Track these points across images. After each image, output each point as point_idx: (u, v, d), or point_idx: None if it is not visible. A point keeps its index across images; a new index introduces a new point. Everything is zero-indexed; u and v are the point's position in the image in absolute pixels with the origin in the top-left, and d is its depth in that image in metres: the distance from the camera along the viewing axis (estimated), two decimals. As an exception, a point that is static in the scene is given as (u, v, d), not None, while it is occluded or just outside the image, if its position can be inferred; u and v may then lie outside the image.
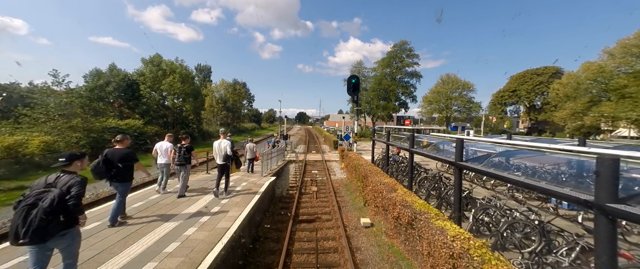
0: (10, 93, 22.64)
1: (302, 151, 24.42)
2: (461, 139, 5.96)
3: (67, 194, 2.64)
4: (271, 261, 5.40)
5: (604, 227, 2.58)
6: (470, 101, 50.67)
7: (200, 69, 63.91)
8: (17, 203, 2.50)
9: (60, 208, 2.56)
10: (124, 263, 3.74)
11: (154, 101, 32.87)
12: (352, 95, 18.92)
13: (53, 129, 17.64)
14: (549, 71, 46.33)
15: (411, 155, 8.23)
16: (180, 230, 4.89)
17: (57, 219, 2.55)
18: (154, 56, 34.42)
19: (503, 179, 5.05)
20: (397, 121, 57.33)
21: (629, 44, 28.10)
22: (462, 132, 37.03)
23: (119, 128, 21.95)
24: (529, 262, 4.30)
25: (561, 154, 8.05)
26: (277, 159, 14.69)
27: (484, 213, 6.04)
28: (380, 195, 6.90)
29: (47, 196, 2.53)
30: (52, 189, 2.64)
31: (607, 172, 2.56)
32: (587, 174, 6.59)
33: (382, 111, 46.53)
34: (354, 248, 5.99)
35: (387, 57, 46.34)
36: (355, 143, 16.73)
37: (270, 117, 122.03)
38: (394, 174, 10.96)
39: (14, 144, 14.45)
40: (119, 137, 5.09)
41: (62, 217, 2.59)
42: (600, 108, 30.64)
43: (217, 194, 7.02)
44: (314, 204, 9.39)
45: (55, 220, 2.54)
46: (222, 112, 59.51)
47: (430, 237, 4.14)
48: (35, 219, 2.41)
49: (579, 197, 2.88)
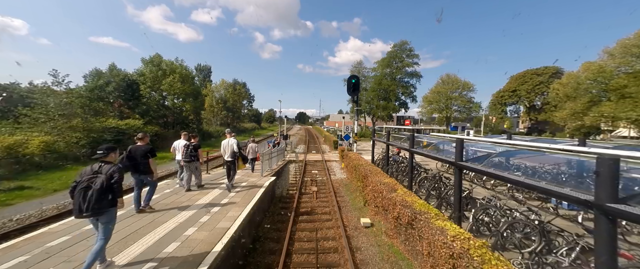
0: (10, 93, 22.62)
1: (302, 151, 24.42)
2: (461, 139, 5.96)
3: (111, 179, 3.28)
4: (271, 261, 5.40)
5: (604, 227, 2.58)
6: (470, 101, 50.75)
7: (200, 69, 63.93)
8: (73, 188, 3.20)
9: (107, 189, 3.23)
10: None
11: (154, 101, 32.87)
12: (352, 95, 18.94)
13: (53, 129, 17.62)
14: (549, 71, 46.33)
15: (411, 155, 8.23)
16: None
17: (106, 197, 3.23)
18: (154, 56, 34.41)
19: (503, 179, 5.06)
20: (397, 121, 57.35)
21: (629, 44, 28.10)
22: (462, 132, 37.04)
23: (118, 128, 21.94)
24: (529, 262, 4.30)
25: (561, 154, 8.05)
26: (277, 159, 14.69)
27: (484, 213, 6.04)
28: (380, 195, 6.91)
29: (97, 180, 3.21)
30: (99, 175, 3.26)
31: (607, 172, 2.56)
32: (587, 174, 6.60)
33: (382, 111, 46.53)
34: (354, 248, 5.99)
35: (387, 57, 46.34)
36: (355, 143, 16.73)
37: (270, 117, 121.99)
38: (394, 174, 10.96)
39: (14, 144, 14.44)
40: (140, 135, 5.67)
41: (110, 196, 3.26)
42: (600, 108, 30.63)
43: (229, 187, 7.69)
44: (314, 204, 9.39)
45: (106, 198, 3.23)
46: (222, 112, 59.49)
47: (430, 237, 4.14)
48: (92, 197, 3.13)
49: (579, 197, 2.88)
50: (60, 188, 11.54)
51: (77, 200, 3.15)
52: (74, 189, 3.19)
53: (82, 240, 4.40)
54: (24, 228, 7.07)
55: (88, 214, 3.17)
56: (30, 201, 9.79)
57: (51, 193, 10.93)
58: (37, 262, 3.68)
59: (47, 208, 8.98)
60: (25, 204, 9.50)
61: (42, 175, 13.63)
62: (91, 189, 3.15)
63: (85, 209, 3.13)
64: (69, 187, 3.24)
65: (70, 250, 4.06)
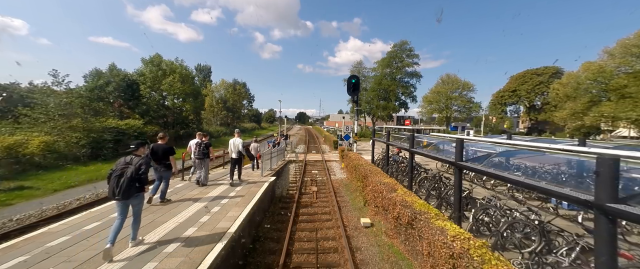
0: (10, 93, 22.59)
1: (302, 151, 24.41)
2: (461, 139, 5.96)
3: (139, 170, 3.87)
4: (271, 261, 5.40)
5: (604, 227, 2.58)
6: (470, 101, 50.70)
7: (200, 69, 63.85)
8: (109, 175, 3.83)
9: (136, 178, 3.83)
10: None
11: (154, 101, 32.81)
12: (352, 95, 18.92)
13: (53, 129, 17.59)
14: (549, 71, 46.34)
15: (411, 155, 8.23)
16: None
17: (134, 184, 3.84)
18: (154, 56, 34.35)
19: (503, 179, 5.06)
20: (397, 121, 57.33)
21: (629, 43, 28.09)
22: (462, 132, 37.01)
23: (118, 128, 21.92)
24: (529, 262, 4.30)
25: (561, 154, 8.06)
26: (277, 159, 14.69)
27: (484, 213, 6.04)
28: (380, 195, 6.90)
29: (128, 170, 3.83)
30: (130, 165, 3.87)
31: (607, 172, 2.56)
32: (587, 174, 6.61)
33: (382, 111, 46.53)
34: (354, 248, 5.98)
35: (387, 57, 46.33)
36: (355, 143, 16.73)
37: (270, 117, 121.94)
38: (394, 174, 10.95)
39: (14, 144, 14.42)
40: (161, 135, 6.35)
41: (137, 184, 3.88)
42: (600, 108, 30.63)
43: (234, 182, 8.42)
44: (314, 204, 9.39)
45: (134, 185, 3.84)
46: (222, 112, 59.41)
47: (430, 237, 4.14)
48: (124, 184, 3.75)
49: (579, 197, 2.88)
50: (60, 188, 11.55)
51: (111, 185, 3.80)
52: (110, 176, 3.83)
53: (82, 240, 4.40)
54: (24, 228, 7.06)
55: (119, 198, 3.79)
56: (30, 201, 9.79)
57: (51, 193, 10.93)
58: (37, 262, 3.69)
59: (47, 208, 8.98)
60: (25, 204, 9.50)
61: (42, 175, 13.63)
62: (123, 177, 3.77)
63: (117, 193, 3.76)
64: (107, 175, 3.92)
65: (70, 250, 4.06)
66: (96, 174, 14.20)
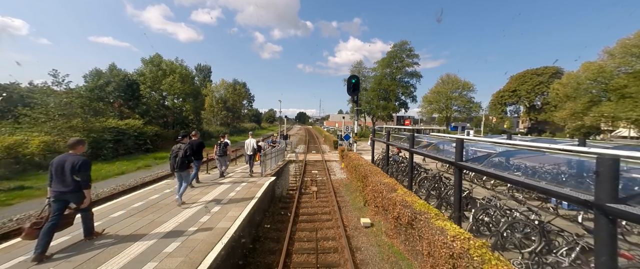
0: (10, 93, 22.58)
1: (302, 151, 24.41)
2: (461, 139, 5.96)
3: (186, 152, 6.15)
4: (271, 261, 5.40)
5: (604, 227, 2.58)
6: (470, 101, 50.66)
7: (200, 69, 63.76)
8: (170, 155, 6.25)
9: (184, 157, 6.12)
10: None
11: (154, 101, 32.78)
12: (352, 95, 18.93)
13: (53, 129, 17.56)
14: (549, 71, 46.31)
15: (411, 155, 8.23)
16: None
17: (185, 162, 6.14)
18: (154, 56, 34.33)
19: (503, 179, 5.06)
20: (397, 121, 57.30)
21: (629, 44, 28.08)
22: (462, 132, 36.98)
23: (118, 128, 21.91)
24: (529, 262, 4.29)
25: (561, 154, 8.06)
26: (277, 159, 14.69)
27: (484, 213, 6.04)
28: (380, 195, 6.90)
29: (180, 152, 6.13)
30: (180, 150, 6.14)
31: (607, 172, 2.56)
32: (587, 174, 6.61)
33: (382, 111, 46.53)
34: (354, 248, 5.99)
35: (387, 57, 46.33)
36: (355, 143, 16.73)
37: (270, 117, 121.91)
38: (394, 174, 10.95)
39: (14, 144, 14.42)
40: (194, 132, 8.24)
41: (186, 161, 6.15)
42: (600, 108, 30.62)
43: (251, 173, 10.20)
44: (314, 204, 9.39)
45: (185, 162, 6.14)
46: (222, 112, 59.37)
47: (430, 237, 4.14)
48: (179, 160, 6.10)
49: (579, 197, 2.88)
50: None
51: (171, 162, 6.23)
52: (170, 157, 6.23)
53: (82, 240, 4.39)
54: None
55: (177, 170, 6.14)
56: (30, 201, 9.79)
57: (51, 193, 10.92)
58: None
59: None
60: (25, 204, 9.50)
61: (42, 175, 13.61)
62: (178, 157, 6.09)
63: (176, 167, 6.11)
64: (170, 155, 6.27)
65: (70, 250, 4.05)
66: (96, 174, 14.17)
